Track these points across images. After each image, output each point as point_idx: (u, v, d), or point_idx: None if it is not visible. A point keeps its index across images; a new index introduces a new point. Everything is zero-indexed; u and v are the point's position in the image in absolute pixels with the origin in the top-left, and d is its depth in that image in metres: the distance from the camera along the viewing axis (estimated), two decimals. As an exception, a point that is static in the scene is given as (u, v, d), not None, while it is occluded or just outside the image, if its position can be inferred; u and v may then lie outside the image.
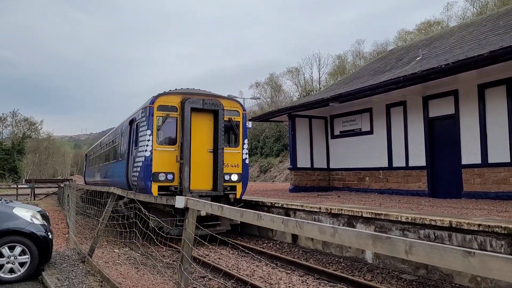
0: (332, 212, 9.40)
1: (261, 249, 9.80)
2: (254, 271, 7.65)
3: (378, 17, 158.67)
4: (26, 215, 6.97)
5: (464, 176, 11.89)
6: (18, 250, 6.60)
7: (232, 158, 11.55)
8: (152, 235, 6.20)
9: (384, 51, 40.85)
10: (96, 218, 10.23)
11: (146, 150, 10.65)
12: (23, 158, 65.58)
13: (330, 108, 15.84)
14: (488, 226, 6.32)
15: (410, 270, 7.49)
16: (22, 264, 6.64)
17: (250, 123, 21.00)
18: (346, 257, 8.81)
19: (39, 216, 7.22)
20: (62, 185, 24.21)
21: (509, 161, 10.76)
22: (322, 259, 8.81)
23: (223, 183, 11.09)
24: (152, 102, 11.01)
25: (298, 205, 10.65)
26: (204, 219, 9.43)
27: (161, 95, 11.14)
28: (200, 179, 11.00)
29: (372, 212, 8.44)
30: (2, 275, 6.48)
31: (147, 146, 10.65)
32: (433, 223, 7.16)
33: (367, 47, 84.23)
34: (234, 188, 11.52)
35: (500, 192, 10.88)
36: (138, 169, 11.05)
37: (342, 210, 9.19)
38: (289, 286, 6.68)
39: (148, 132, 10.75)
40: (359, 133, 16.04)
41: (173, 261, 8.34)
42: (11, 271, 6.55)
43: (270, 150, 49.26)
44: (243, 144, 11.89)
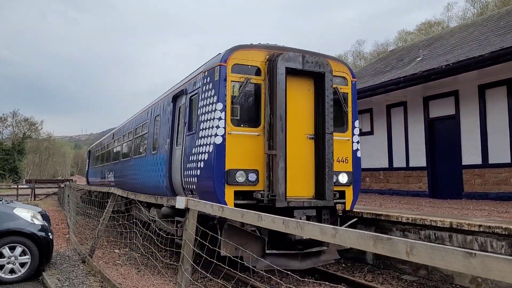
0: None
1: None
2: None
3: (379, 17, 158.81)
4: (27, 215, 6.97)
5: (465, 177, 11.89)
6: (18, 250, 6.61)
7: (339, 149, 7.68)
8: (152, 235, 6.16)
9: (384, 51, 40.89)
10: (96, 219, 10.22)
11: (214, 135, 6.93)
12: (23, 159, 65.59)
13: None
14: (489, 227, 6.31)
15: (410, 271, 7.49)
16: (22, 265, 6.65)
17: None
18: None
19: (39, 217, 7.23)
20: (62, 185, 24.24)
21: (509, 161, 10.76)
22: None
23: (332, 187, 7.29)
24: (224, 59, 7.16)
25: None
26: (301, 242, 6.97)
27: (237, 48, 7.29)
28: (298, 180, 7.33)
29: (372, 213, 8.43)
30: (3, 275, 6.49)
31: (216, 128, 6.92)
32: (433, 223, 7.16)
33: (368, 47, 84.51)
34: (342, 194, 7.73)
35: (501, 192, 10.88)
36: (200, 165, 7.21)
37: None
38: None
39: (219, 106, 6.98)
40: (360, 133, 16.01)
41: (173, 261, 8.34)
42: (12, 271, 6.56)
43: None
44: (353, 127, 8.15)
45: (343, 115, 8.00)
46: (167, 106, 9.49)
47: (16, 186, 34.42)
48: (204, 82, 7.56)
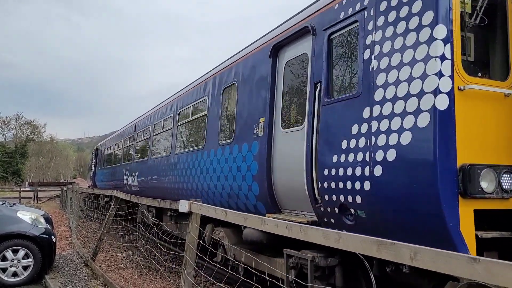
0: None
1: None
2: None
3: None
4: (30, 218, 7.00)
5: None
6: (21, 253, 6.62)
7: None
8: (155, 239, 6.18)
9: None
10: (99, 222, 10.24)
11: (427, 94, 3.41)
12: (26, 161, 65.81)
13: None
14: None
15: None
16: (25, 268, 6.66)
17: None
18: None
19: (42, 220, 7.26)
20: (64, 188, 24.29)
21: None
22: None
23: None
24: None
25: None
26: None
27: None
28: None
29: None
30: (6, 278, 6.50)
31: (431, 80, 3.40)
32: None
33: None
34: None
35: None
36: (384, 156, 3.69)
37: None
38: None
39: (438, 32, 3.41)
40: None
41: (176, 265, 8.34)
42: (15, 274, 6.58)
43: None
44: None
45: None
46: (257, 66, 6.17)
47: (18, 189, 34.48)
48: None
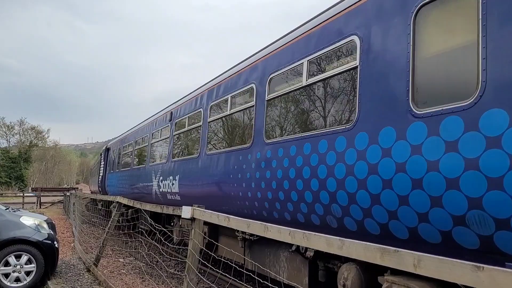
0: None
1: None
2: None
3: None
4: (33, 224, 7.01)
5: None
6: (24, 259, 6.62)
7: None
8: (157, 245, 6.18)
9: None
10: (102, 227, 10.23)
11: None
12: (29, 167, 66.01)
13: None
14: None
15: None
16: (28, 273, 6.66)
17: None
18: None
19: (45, 225, 7.27)
20: (68, 193, 24.32)
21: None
22: None
23: None
24: None
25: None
26: None
27: None
28: None
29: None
30: (9, 284, 6.50)
31: None
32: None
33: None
34: None
35: None
36: None
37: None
38: None
39: None
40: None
41: (178, 271, 8.33)
42: (17, 280, 6.57)
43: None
44: None
45: None
46: None
47: (22, 194, 34.58)
48: None
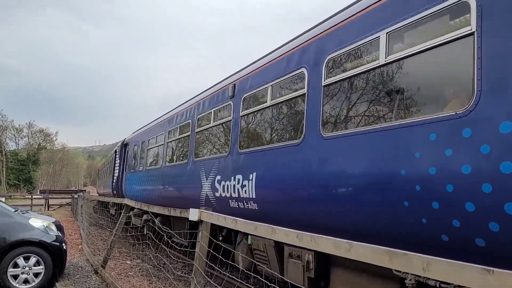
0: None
1: None
2: None
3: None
4: (41, 226, 7.06)
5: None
6: (33, 260, 6.67)
7: None
8: (165, 247, 6.20)
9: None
10: (109, 229, 10.29)
11: None
12: (37, 169, 66.60)
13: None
14: None
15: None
16: (36, 275, 6.70)
17: None
18: None
19: (53, 227, 7.32)
20: (75, 196, 24.47)
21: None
22: None
23: None
24: None
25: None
26: None
27: None
28: None
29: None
30: (17, 285, 6.55)
31: None
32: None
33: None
34: None
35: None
36: None
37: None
38: None
39: None
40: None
41: (185, 273, 8.34)
42: (26, 281, 6.62)
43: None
44: None
45: None
46: None
47: (30, 196, 34.86)
48: None
